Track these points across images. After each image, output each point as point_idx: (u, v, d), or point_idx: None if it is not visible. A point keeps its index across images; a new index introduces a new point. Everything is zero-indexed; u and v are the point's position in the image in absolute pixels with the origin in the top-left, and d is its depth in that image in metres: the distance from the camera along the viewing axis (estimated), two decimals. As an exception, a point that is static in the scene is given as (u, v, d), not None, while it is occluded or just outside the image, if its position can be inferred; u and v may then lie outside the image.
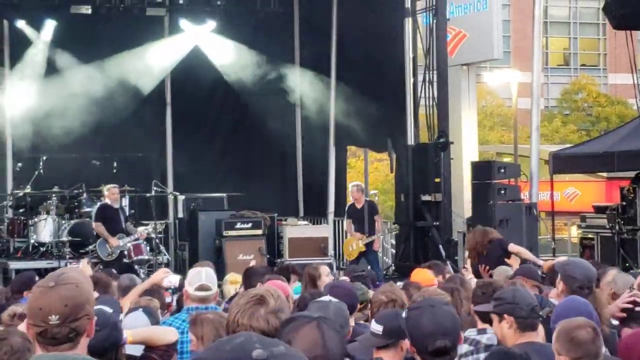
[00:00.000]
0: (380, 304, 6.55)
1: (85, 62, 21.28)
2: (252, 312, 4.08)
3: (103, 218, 17.05)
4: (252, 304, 4.11)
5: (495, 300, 5.79)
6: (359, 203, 18.10)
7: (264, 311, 4.09)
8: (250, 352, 2.43)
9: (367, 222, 17.93)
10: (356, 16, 20.97)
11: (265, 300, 4.13)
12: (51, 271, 3.75)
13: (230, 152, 22.69)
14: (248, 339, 2.49)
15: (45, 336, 3.52)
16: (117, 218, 17.06)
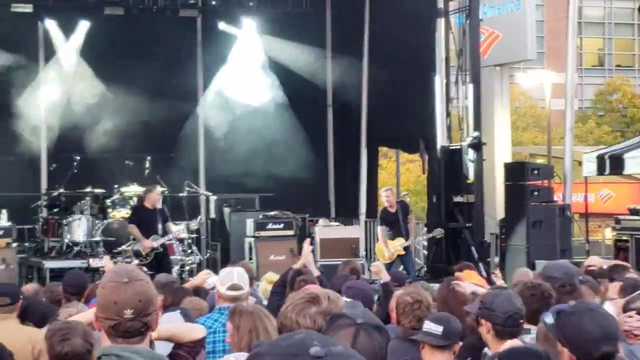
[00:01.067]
0: (406, 305, 6.55)
1: (118, 63, 21.40)
2: (302, 309, 4.12)
3: (138, 220, 16.97)
4: (305, 301, 4.15)
5: (480, 303, 5.77)
6: (393, 207, 17.91)
7: (314, 310, 4.12)
8: (308, 349, 2.44)
9: (402, 224, 17.80)
10: (388, 18, 20.94)
11: (318, 300, 4.16)
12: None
13: (262, 153, 22.71)
14: (307, 336, 2.52)
15: (118, 329, 3.64)
16: (152, 220, 16.77)
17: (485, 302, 5.67)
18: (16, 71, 21.09)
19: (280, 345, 2.51)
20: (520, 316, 5.59)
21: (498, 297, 5.69)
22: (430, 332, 5.76)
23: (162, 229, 16.71)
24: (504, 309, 5.57)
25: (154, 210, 16.74)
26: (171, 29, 21.66)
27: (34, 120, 21.31)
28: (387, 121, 21.14)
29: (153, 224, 16.70)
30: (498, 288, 6.92)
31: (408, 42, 20.24)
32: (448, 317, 5.96)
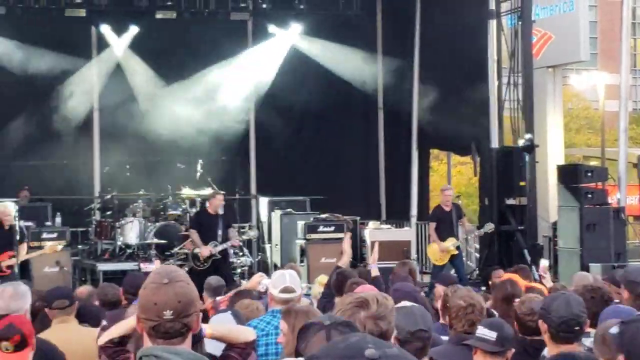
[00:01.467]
0: (459, 309, 6.51)
1: (169, 67, 21.56)
2: (352, 314, 4.11)
3: (198, 225, 17.00)
4: (354, 306, 4.14)
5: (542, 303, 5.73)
6: (449, 207, 17.82)
7: (364, 315, 4.11)
8: (363, 351, 2.45)
9: (455, 225, 17.72)
10: (439, 19, 20.88)
11: (367, 304, 4.15)
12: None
13: (313, 156, 22.75)
14: (362, 338, 2.53)
15: (158, 330, 3.66)
16: (213, 225, 16.72)
17: (544, 304, 5.64)
18: (70, 75, 21.30)
19: (335, 347, 2.52)
20: (576, 322, 5.51)
21: (556, 300, 5.64)
22: (483, 337, 5.71)
23: (222, 235, 16.69)
24: (559, 313, 5.51)
25: (216, 215, 16.71)
26: (222, 32, 21.76)
27: (87, 124, 21.51)
28: (439, 123, 21.05)
29: (213, 229, 16.64)
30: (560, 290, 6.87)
31: (459, 44, 20.15)
32: (502, 323, 5.92)
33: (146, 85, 21.60)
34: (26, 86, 20.97)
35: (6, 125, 20.83)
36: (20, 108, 20.97)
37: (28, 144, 20.88)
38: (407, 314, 4.81)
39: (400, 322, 4.77)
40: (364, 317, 4.13)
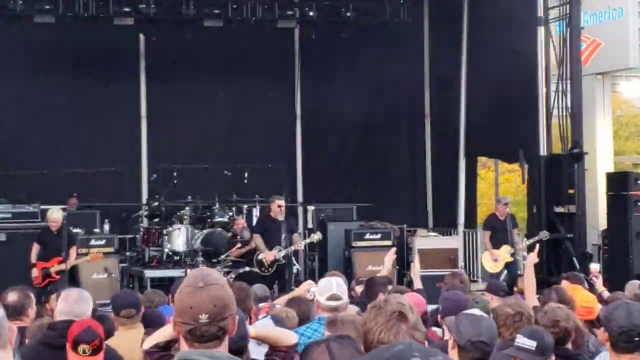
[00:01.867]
0: (507, 317, 6.47)
1: (216, 75, 21.67)
2: (397, 331, 4.07)
3: (262, 230, 17.00)
4: (395, 321, 4.10)
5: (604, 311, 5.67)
6: (503, 216, 17.68)
7: (406, 327, 4.08)
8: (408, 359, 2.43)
9: (509, 234, 17.58)
10: (487, 25, 20.78)
11: (405, 315, 4.12)
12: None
13: (360, 163, 22.75)
14: (407, 347, 2.53)
15: (194, 334, 3.66)
16: (276, 230, 16.68)
17: (605, 312, 5.58)
18: (117, 83, 21.48)
19: (381, 356, 2.50)
20: (637, 333, 5.42)
21: (617, 309, 5.58)
22: (523, 347, 5.67)
23: (285, 240, 16.67)
24: (619, 323, 5.45)
25: (279, 220, 16.71)
26: (269, 40, 21.83)
27: (134, 131, 21.68)
28: (486, 131, 20.97)
29: (277, 234, 16.66)
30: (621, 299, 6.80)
31: (507, 51, 20.04)
32: (541, 331, 5.87)
33: (191, 93, 21.71)
34: (74, 94, 21.18)
35: (55, 133, 21.02)
36: (68, 116, 21.17)
37: (76, 151, 21.08)
38: (473, 322, 4.78)
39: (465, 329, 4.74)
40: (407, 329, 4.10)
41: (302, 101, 22.68)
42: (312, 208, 20.60)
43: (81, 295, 6.67)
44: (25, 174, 20.57)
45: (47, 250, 15.81)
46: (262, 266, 16.56)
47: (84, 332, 5.85)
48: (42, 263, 15.72)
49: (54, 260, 15.72)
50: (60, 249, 15.76)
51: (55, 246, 15.81)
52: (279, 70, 22.44)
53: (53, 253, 15.79)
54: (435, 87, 22.86)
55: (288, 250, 16.57)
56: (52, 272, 15.65)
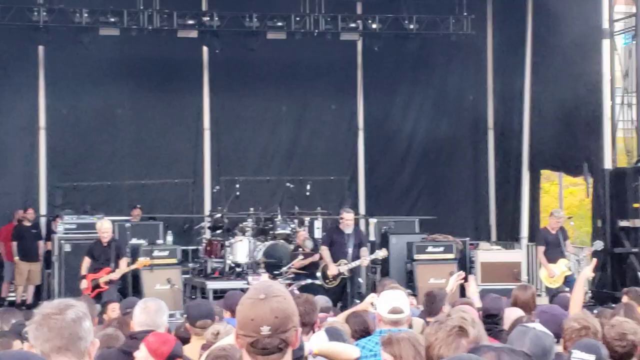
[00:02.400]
0: (573, 331, 6.40)
1: (279, 86, 21.76)
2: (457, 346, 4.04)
3: (330, 242, 16.95)
4: (455, 336, 4.07)
5: None
6: (555, 229, 17.50)
7: (466, 342, 4.04)
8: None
9: (563, 246, 17.40)
10: (551, 37, 20.62)
11: (465, 330, 4.08)
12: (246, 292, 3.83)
13: (422, 176, 22.69)
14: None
15: (256, 346, 3.63)
16: (343, 244, 16.67)
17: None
18: (180, 95, 21.66)
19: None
20: None
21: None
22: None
23: (352, 254, 16.59)
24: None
25: (347, 234, 16.64)
26: (332, 53, 21.86)
27: (197, 143, 21.82)
28: (550, 144, 20.79)
29: (343, 247, 16.62)
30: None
31: (572, 64, 19.87)
32: (598, 345, 5.78)
33: (255, 105, 21.83)
34: (138, 106, 21.41)
35: (119, 145, 21.26)
36: (132, 128, 21.40)
37: (140, 163, 21.29)
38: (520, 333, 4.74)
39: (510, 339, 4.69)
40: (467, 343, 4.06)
41: (364, 113, 22.66)
42: (375, 221, 20.55)
43: (159, 307, 6.79)
44: (90, 186, 20.83)
45: (97, 262, 16.01)
46: (327, 278, 16.56)
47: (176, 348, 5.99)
48: (91, 275, 15.91)
49: (103, 271, 15.91)
50: (110, 260, 15.94)
51: (105, 258, 16.00)
52: (341, 82, 22.46)
53: (103, 265, 15.99)
54: (499, 99, 22.73)
55: (353, 265, 16.53)
56: (100, 282, 15.83)
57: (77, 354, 3.58)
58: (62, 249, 17.85)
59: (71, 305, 3.68)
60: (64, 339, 3.56)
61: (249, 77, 21.61)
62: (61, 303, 3.71)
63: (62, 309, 3.63)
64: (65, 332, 3.56)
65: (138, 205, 20.26)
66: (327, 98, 22.25)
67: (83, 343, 3.60)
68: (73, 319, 3.60)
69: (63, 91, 20.97)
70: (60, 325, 3.56)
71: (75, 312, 3.64)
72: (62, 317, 3.59)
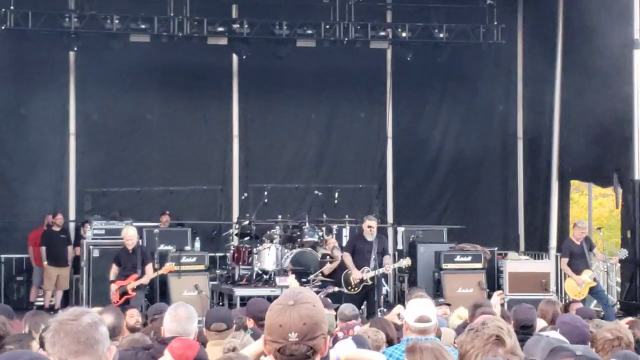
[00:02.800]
0: (605, 342, 6.36)
1: (308, 93, 21.78)
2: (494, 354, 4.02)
3: (353, 249, 16.94)
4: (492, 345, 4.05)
5: None
6: (579, 240, 17.40)
7: (503, 351, 4.03)
8: None
9: (587, 258, 17.30)
10: (582, 48, 20.53)
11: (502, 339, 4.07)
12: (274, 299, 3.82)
13: (451, 185, 22.65)
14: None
15: (284, 352, 3.62)
16: (366, 251, 16.59)
17: None
18: (209, 102, 21.74)
19: None
20: None
21: None
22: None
23: (375, 261, 16.56)
24: None
25: (370, 241, 16.64)
26: (361, 61, 21.86)
27: (226, 150, 21.87)
28: (580, 154, 20.70)
29: (366, 255, 16.58)
30: None
31: (602, 74, 19.77)
32: (635, 356, 5.73)
33: (283, 112, 21.87)
34: (167, 113, 21.50)
35: (148, 152, 21.34)
36: (161, 134, 21.48)
37: (169, 169, 21.36)
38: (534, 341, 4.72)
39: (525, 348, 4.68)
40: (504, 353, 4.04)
41: (393, 122, 22.64)
42: (402, 229, 20.53)
43: (190, 314, 6.81)
44: (119, 192, 20.92)
45: (125, 269, 16.12)
46: (349, 285, 16.53)
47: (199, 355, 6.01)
48: (119, 282, 16.00)
49: (131, 278, 16.00)
50: (136, 267, 16.03)
51: (131, 265, 16.10)
52: (371, 90, 22.46)
53: (130, 271, 16.10)
54: (529, 109, 22.66)
55: (376, 272, 16.49)
56: (128, 289, 15.91)
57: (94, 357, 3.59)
58: (90, 254, 17.94)
59: (86, 311, 3.70)
60: (80, 344, 3.57)
61: (278, 85, 21.64)
62: (76, 310, 3.73)
63: (78, 315, 3.65)
64: (82, 336, 3.58)
65: (167, 212, 20.33)
66: (356, 106, 22.24)
67: (100, 347, 3.61)
68: (89, 324, 3.61)
69: (93, 97, 21.08)
70: (76, 330, 3.58)
71: (91, 317, 3.66)
72: (78, 323, 3.60)
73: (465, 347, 4.13)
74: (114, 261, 16.28)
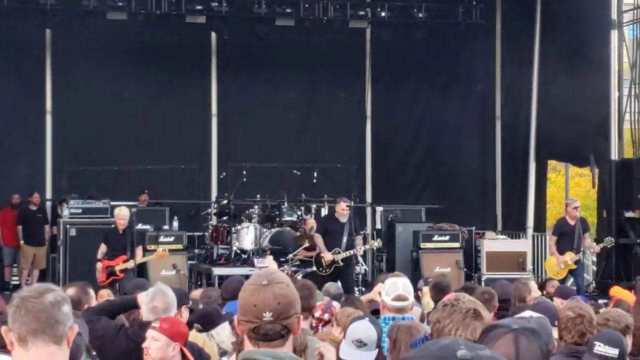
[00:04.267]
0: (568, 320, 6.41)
1: (288, 73, 21.75)
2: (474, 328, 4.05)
3: (324, 230, 16.98)
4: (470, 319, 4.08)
5: None
6: (573, 220, 17.32)
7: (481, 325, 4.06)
8: (454, 352, 2.42)
9: (577, 240, 17.23)
10: (560, 27, 20.60)
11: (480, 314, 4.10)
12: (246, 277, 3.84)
13: (429, 165, 22.70)
14: (454, 341, 2.51)
15: (257, 332, 3.63)
16: (338, 232, 16.59)
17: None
18: (188, 81, 21.66)
19: (428, 349, 2.52)
20: None
21: None
22: (605, 355, 5.56)
23: (346, 243, 16.60)
24: None
25: (342, 222, 16.66)
26: (340, 40, 21.84)
27: (205, 129, 21.84)
28: (557, 134, 20.77)
29: (338, 236, 16.59)
30: None
31: (580, 54, 19.85)
32: (622, 339, 5.77)
33: (261, 91, 21.82)
34: (145, 92, 21.41)
35: (126, 131, 21.26)
36: (139, 113, 21.41)
37: (147, 148, 21.28)
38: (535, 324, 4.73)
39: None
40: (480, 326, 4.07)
41: (372, 102, 22.65)
42: (381, 209, 20.57)
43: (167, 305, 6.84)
44: (96, 170, 20.86)
45: (114, 249, 16.02)
46: (320, 266, 16.53)
47: None
48: (107, 262, 15.91)
49: (120, 258, 15.92)
50: (126, 247, 15.95)
51: (121, 245, 16.01)
52: (350, 70, 22.43)
53: (119, 252, 15.99)
54: (507, 89, 22.70)
55: (347, 254, 16.49)
56: (116, 270, 15.85)
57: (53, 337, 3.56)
58: (67, 233, 17.88)
59: (50, 289, 3.65)
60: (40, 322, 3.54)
61: (257, 64, 21.59)
62: (40, 287, 3.68)
63: (41, 292, 3.61)
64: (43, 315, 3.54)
65: (145, 191, 20.28)
66: (336, 86, 22.23)
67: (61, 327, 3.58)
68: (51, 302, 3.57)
69: (70, 75, 20.98)
70: (38, 309, 3.54)
71: (54, 296, 3.61)
72: (40, 301, 3.56)
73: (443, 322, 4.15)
74: (103, 240, 16.18)
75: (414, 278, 14.41)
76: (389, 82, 22.44)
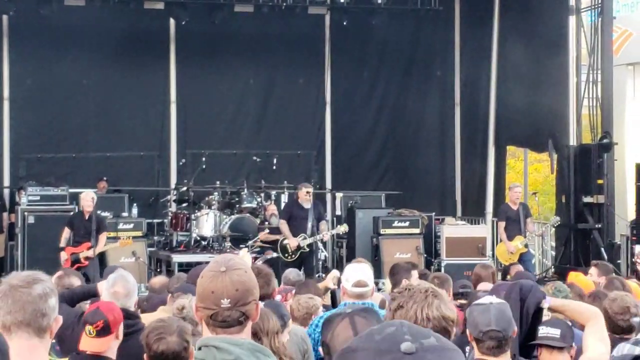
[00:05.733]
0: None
1: (247, 59, 21.69)
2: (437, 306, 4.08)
3: (289, 216, 17.00)
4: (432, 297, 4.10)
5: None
6: (516, 205, 17.65)
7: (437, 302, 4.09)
8: (399, 344, 2.39)
9: (523, 223, 17.54)
10: (518, 13, 20.70)
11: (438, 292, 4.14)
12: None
13: (389, 151, 22.74)
14: (399, 328, 2.46)
15: (216, 319, 3.63)
16: (303, 218, 16.72)
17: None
18: (146, 67, 21.53)
19: (371, 339, 2.46)
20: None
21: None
22: (548, 335, 5.84)
23: (311, 228, 16.62)
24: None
25: (305, 208, 16.69)
26: (299, 26, 21.80)
27: (163, 116, 21.72)
28: (516, 120, 20.90)
29: (303, 221, 16.63)
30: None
31: (538, 40, 19.97)
32: (563, 321, 6.01)
33: (220, 78, 21.73)
34: (103, 78, 21.24)
35: (84, 117, 21.11)
36: (97, 100, 21.25)
37: (106, 135, 21.15)
38: (483, 312, 4.77)
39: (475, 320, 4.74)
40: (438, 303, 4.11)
41: (332, 88, 22.63)
42: (341, 195, 20.58)
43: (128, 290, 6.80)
44: (54, 157, 20.71)
45: (77, 235, 15.91)
46: (286, 252, 16.57)
47: (90, 314, 5.95)
48: (71, 248, 15.81)
49: (84, 245, 15.80)
50: (90, 233, 15.83)
51: (85, 231, 15.88)
52: (309, 56, 22.40)
53: (83, 238, 15.87)
54: (466, 75, 22.77)
55: (313, 239, 16.55)
56: (81, 257, 15.73)
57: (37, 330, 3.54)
58: (25, 220, 17.74)
59: (40, 279, 3.62)
60: (26, 314, 3.52)
61: (216, 50, 21.52)
62: (29, 276, 3.65)
63: (30, 283, 3.58)
64: (29, 307, 3.52)
65: (104, 178, 20.15)
66: (295, 72, 22.19)
67: (46, 320, 3.56)
68: (40, 295, 3.55)
69: (27, 61, 20.77)
70: (25, 300, 3.52)
71: (43, 287, 3.59)
72: (28, 291, 3.54)
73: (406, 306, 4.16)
74: (67, 224, 16.05)
75: (374, 264, 14.48)
76: (349, 68, 22.44)
